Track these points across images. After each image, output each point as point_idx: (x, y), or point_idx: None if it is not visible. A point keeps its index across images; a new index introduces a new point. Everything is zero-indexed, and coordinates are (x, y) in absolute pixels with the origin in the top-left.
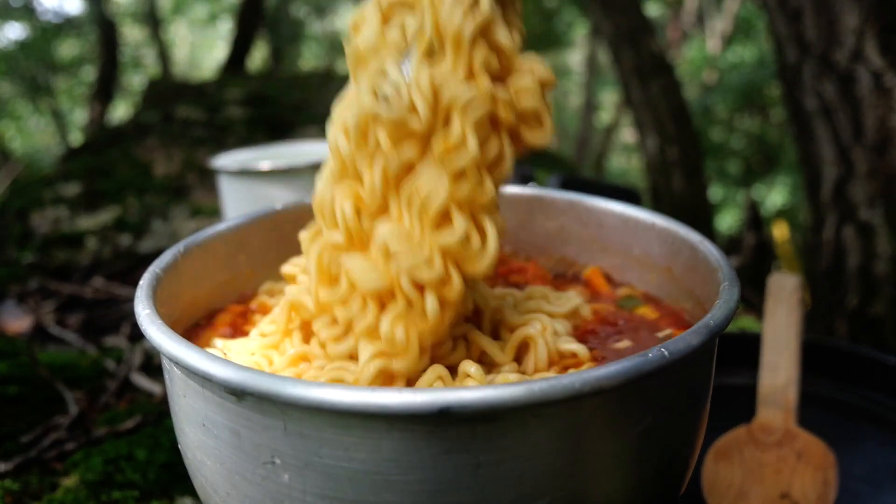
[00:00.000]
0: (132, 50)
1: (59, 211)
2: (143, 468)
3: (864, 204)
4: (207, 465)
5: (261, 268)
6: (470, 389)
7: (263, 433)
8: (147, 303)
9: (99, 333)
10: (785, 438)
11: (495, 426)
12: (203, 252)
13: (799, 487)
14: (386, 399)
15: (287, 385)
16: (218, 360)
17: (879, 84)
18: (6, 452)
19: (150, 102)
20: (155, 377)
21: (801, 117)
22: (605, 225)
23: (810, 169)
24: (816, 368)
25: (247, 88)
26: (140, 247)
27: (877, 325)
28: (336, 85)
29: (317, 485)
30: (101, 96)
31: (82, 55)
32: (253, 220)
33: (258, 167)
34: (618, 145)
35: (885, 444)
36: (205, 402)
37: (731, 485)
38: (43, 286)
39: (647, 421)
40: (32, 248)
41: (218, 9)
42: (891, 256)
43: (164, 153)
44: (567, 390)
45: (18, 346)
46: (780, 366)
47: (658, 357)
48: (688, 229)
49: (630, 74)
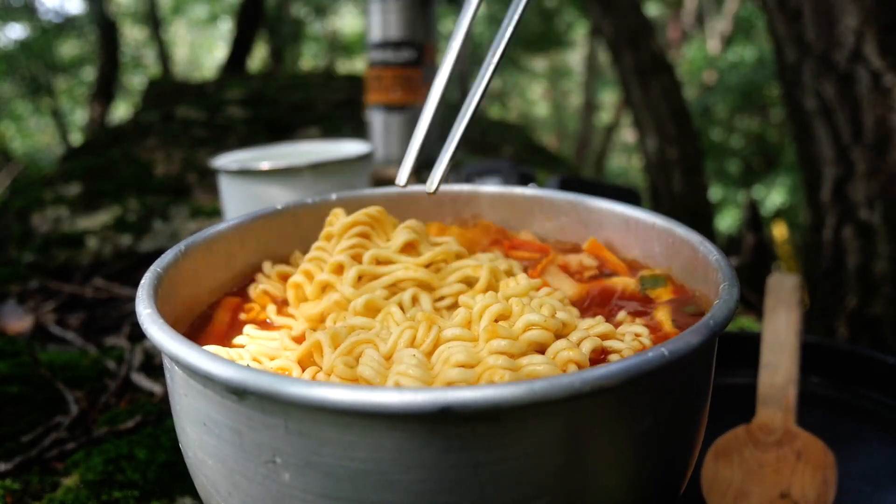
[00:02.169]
0: (132, 50)
1: (60, 211)
2: (143, 468)
3: (863, 204)
4: (208, 465)
5: (261, 267)
6: (470, 389)
7: (264, 432)
8: (148, 302)
9: (99, 333)
10: (784, 438)
11: (495, 425)
12: (204, 252)
13: (798, 487)
14: (386, 398)
15: (288, 384)
16: (219, 360)
17: (879, 84)
18: (7, 452)
19: (151, 102)
20: (155, 377)
21: (801, 117)
22: (605, 225)
23: (810, 169)
24: (816, 368)
25: (247, 88)
26: (140, 247)
27: (876, 325)
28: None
29: (317, 484)
30: (101, 96)
31: (83, 55)
32: (253, 220)
33: (258, 167)
34: (618, 145)
35: (884, 444)
36: (206, 401)
37: (730, 484)
38: (44, 286)
39: (647, 421)
40: (33, 247)
41: (218, 9)
42: (890, 256)
43: (164, 153)
44: (567, 390)
45: (19, 346)
46: (780, 365)
47: (658, 357)
48: (688, 229)
49: (630, 75)
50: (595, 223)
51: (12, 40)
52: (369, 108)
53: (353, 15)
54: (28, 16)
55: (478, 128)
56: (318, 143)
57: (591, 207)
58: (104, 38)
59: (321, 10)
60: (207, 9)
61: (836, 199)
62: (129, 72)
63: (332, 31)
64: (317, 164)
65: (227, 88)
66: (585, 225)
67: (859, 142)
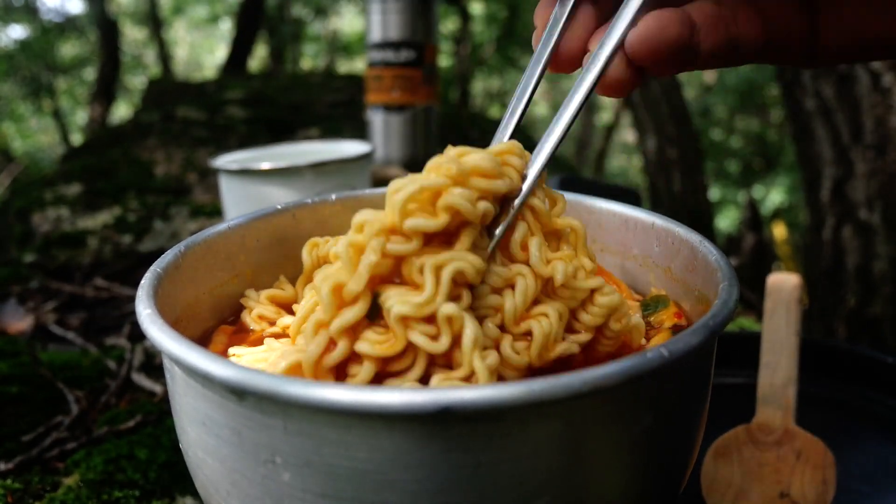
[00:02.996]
0: (133, 50)
1: (60, 211)
2: (143, 467)
3: (862, 204)
4: (208, 464)
5: (261, 267)
6: (470, 389)
7: (264, 432)
8: (148, 302)
9: (100, 333)
10: (784, 438)
11: (496, 425)
12: (204, 252)
13: (798, 486)
14: (386, 398)
15: (287, 385)
16: (219, 360)
17: (878, 84)
18: (7, 452)
19: (151, 102)
20: (156, 377)
21: (801, 117)
22: (604, 225)
23: (809, 169)
24: (815, 368)
25: (247, 88)
26: (141, 247)
27: (875, 325)
28: (336, 85)
29: (317, 484)
30: (101, 96)
31: (83, 55)
32: (253, 220)
33: (258, 167)
34: (618, 145)
35: (884, 444)
36: (206, 401)
37: (730, 484)
38: (44, 286)
39: (646, 420)
40: (33, 247)
41: (218, 9)
42: (889, 256)
43: (164, 153)
44: (567, 390)
45: (19, 346)
46: (780, 365)
47: (658, 357)
48: (687, 229)
49: None
50: (595, 223)
51: (13, 40)
52: (369, 109)
53: (353, 15)
54: (29, 16)
55: (477, 129)
56: (318, 143)
57: (591, 207)
58: (105, 39)
59: (321, 10)
60: (208, 9)
61: (836, 199)
62: (130, 72)
63: (332, 31)
64: (317, 164)
65: (228, 88)
66: (585, 225)
67: (859, 142)
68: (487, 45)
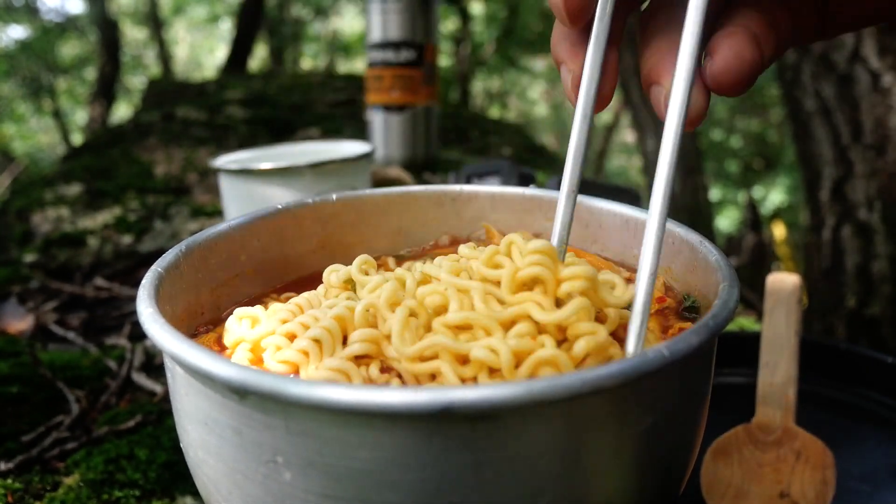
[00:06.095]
0: (133, 50)
1: (61, 211)
2: (144, 467)
3: (862, 204)
4: (209, 464)
5: (261, 267)
6: (471, 388)
7: (265, 432)
8: (149, 302)
9: (100, 333)
10: (784, 437)
11: (496, 425)
12: (204, 251)
13: (798, 486)
14: (387, 398)
15: (289, 384)
16: (221, 360)
17: (878, 84)
18: (8, 451)
19: (151, 102)
20: (156, 376)
21: (801, 117)
22: (604, 225)
23: (809, 169)
24: (815, 368)
25: (247, 89)
26: (141, 246)
27: (875, 325)
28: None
29: (318, 483)
30: (102, 96)
31: (84, 55)
32: (253, 220)
33: (258, 167)
34: (618, 145)
35: (883, 444)
36: (207, 400)
37: (729, 484)
38: (44, 286)
39: (647, 421)
40: (34, 247)
41: (218, 9)
42: (889, 256)
43: (164, 153)
44: (567, 390)
45: (20, 346)
46: (779, 365)
47: (658, 357)
48: (687, 229)
49: (630, 75)
50: (595, 223)
51: (13, 40)
52: (369, 109)
53: (353, 15)
54: (29, 16)
55: (477, 129)
56: (318, 143)
57: (591, 207)
58: (105, 39)
59: (321, 11)
60: (208, 9)
61: (836, 199)
62: (130, 72)
63: (332, 31)
64: (317, 164)
65: (228, 88)
66: (585, 225)
67: (858, 142)
68: (487, 45)
